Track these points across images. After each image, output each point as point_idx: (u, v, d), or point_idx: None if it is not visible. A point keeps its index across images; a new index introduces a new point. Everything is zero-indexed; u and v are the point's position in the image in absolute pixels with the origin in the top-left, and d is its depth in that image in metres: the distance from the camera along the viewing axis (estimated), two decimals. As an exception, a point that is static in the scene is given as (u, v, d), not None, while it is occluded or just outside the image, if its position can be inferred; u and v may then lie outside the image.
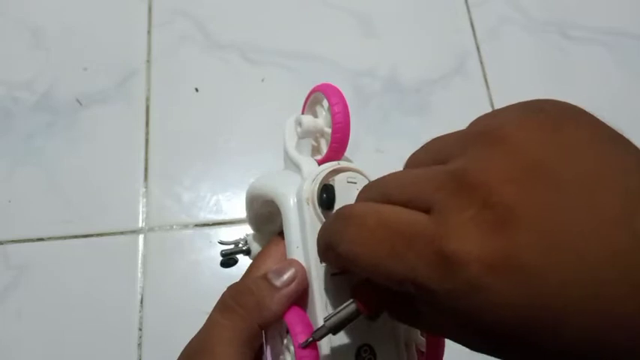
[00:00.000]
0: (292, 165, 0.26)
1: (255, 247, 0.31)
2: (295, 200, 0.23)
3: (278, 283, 0.22)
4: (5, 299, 0.49)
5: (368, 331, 0.22)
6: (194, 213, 0.53)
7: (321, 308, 0.22)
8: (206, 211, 0.53)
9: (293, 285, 0.22)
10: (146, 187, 0.54)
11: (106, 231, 0.51)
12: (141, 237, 0.51)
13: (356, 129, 0.59)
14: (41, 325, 0.48)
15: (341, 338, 0.22)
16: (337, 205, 0.22)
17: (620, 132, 0.17)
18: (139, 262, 0.50)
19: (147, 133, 0.56)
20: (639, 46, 0.64)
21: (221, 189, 0.54)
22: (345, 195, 0.22)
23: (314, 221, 0.22)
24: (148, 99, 0.57)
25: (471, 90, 0.60)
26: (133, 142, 0.55)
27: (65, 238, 0.51)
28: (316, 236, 0.21)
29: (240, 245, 0.31)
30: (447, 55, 0.62)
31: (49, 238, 0.51)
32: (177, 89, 0.58)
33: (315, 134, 0.26)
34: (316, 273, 0.22)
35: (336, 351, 0.21)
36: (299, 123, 0.26)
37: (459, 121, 0.68)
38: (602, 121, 0.17)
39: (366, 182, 0.23)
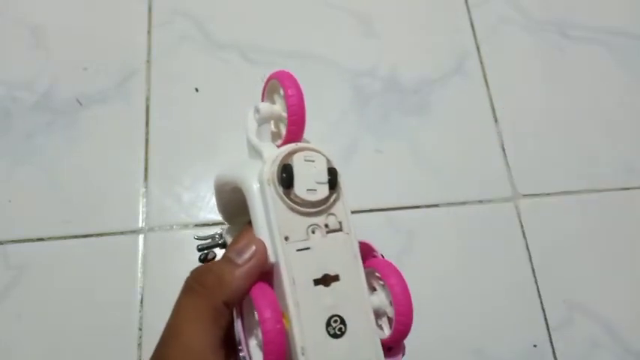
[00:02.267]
0: (255, 153, 0.27)
1: (230, 240, 0.31)
2: (258, 183, 0.24)
3: (238, 260, 0.23)
4: (5, 299, 0.49)
5: (337, 302, 0.23)
6: (194, 213, 0.53)
7: (288, 283, 0.22)
8: (206, 211, 0.53)
9: (253, 260, 0.23)
10: (146, 187, 0.54)
11: (106, 231, 0.51)
12: (141, 237, 0.51)
13: (356, 129, 0.60)
14: (41, 325, 0.48)
15: (309, 310, 0.22)
16: (297, 183, 0.23)
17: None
18: (139, 262, 0.50)
19: (147, 133, 0.56)
20: (639, 46, 0.64)
21: (221, 189, 0.54)
22: (304, 173, 0.23)
23: (276, 201, 0.23)
24: (147, 99, 0.57)
25: (470, 90, 0.60)
26: (133, 142, 0.55)
27: (65, 238, 0.51)
28: (280, 214, 0.23)
29: (216, 239, 0.32)
30: (447, 55, 0.62)
31: (49, 238, 0.51)
32: (177, 89, 0.58)
33: (272, 120, 0.27)
34: (282, 249, 0.23)
35: (305, 323, 0.22)
36: (257, 110, 0.27)
37: (458, 121, 0.68)
38: None
39: (323, 159, 0.24)
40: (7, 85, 0.57)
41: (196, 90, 0.58)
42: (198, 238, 0.32)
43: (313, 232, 0.24)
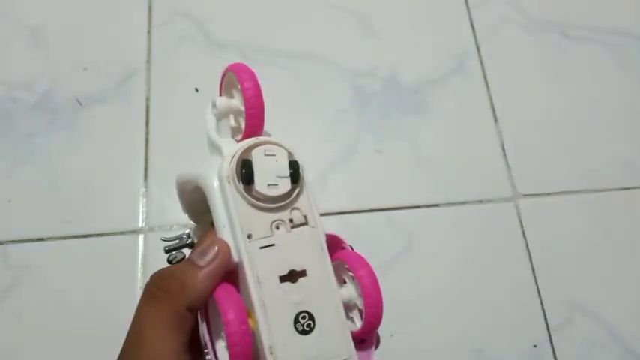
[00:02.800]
0: (215, 149, 0.26)
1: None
2: (217, 181, 0.23)
3: (201, 262, 0.22)
4: (5, 299, 0.49)
5: (304, 298, 0.23)
6: (194, 213, 0.53)
7: (253, 282, 0.22)
8: (206, 211, 0.53)
9: (216, 262, 0.22)
10: (146, 187, 0.54)
11: (106, 231, 0.51)
12: (141, 237, 0.51)
13: (356, 129, 0.60)
14: (41, 325, 0.48)
15: (276, 308, 0.22)
16: (257, 178, 0.23)
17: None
18: (139, 262, 0.50)
19: (147, 133, 0.56)
20: (639, 46, 0.64)
21: (221, 189, 0.54)
22: (264, 168, 0.23)
23: (236, 198, 0.23)
24: (147, 99, 0.57)
25: (470, 90, 0.60)
26: (132, 142, 0.55)
27: (65, 238, 0.51)
28: (241, 211, 0.22)
29: (184, 239, 0.32)
30: (447, 55, 0.62)
31: (49, 238, 0.51)
32: (177, 89, 0.58)
33: (231, 114, 0.26)
34: (244, 248, 0.22)
35: (272, 321, 0.22)
36: (214, 105, 0.26)
37: (458, 121, 0.68)
38: None
39: (284, 153, 0.23)
40: (7, 85, 0.57)
41: (196, 90, 0.58)
42: (166, 240, 0.31)
43: (277, 228, 0.23)
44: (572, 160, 0.58)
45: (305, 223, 0.24)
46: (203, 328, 0.22)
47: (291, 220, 0.23)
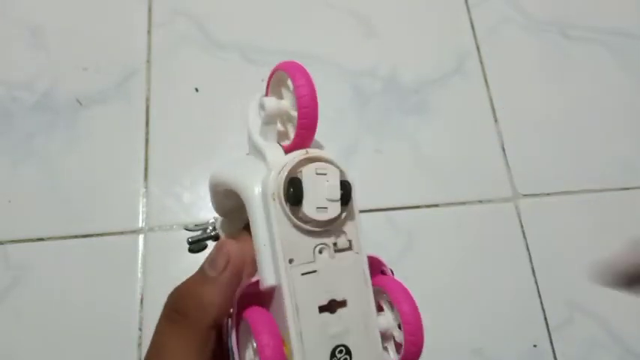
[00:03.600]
0: (256, 151, 0.24)
1: (223, 234, 0.29)
2: (261, 195, 0.21)
3: (213, 273, 0.21)
4: (5, 299, 0.49)
5: (343, 330, 0.21)
6: (194, 213, 0.53)
7: (291, 310, 0.20)
8: (206, 211, 0.53)
9: (229, 269, 0.21)
10: (146, 187, 0.54)
11: (106, 231, 0.51)
12: (141, 237, 0.51)
13: (356, 129, 0.60)
14: (41, 325, 0.48)
15: (313, 340, 0.21)
16: (306, 200, 0.21)
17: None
18: (139, 262, 0.50)
19: (147, 133, 0.56)
20: (639, 46, 0.64)
21: (221, 189, 0.54)
22: (314, 188, 0.21)
23: (281, 218, 0.21)
24: (147, 99, 0.57)
25: (470, 90, 0.60)
26: (132, 142, 0.55)
27: (65, 238, 0.51)
28: (284, 233, 0.21)
29: (209, 231, 0.30)
30: (447, 55, 0.62)
31: (49, 238, 0.51)
32: (177, 89, 0.58)
33: (279, 118, 0.23)
34: (285, 273, 0.21)
35: (308, 354, 0.20)
36: (262, 106, 0.23)
37: (458, 121, 0.68)
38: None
39: (336, 173, 0.21)
40: (7, 85, 0.57)
41: (196, 90, 0.58)
42: (188, 229, 0.30)
43: (320, 252, 0.21)
44: (572, 160, 0.58)
45: (349, 248, 0.22)
46: (233, 339, 0.21)
47: (335, 244, 0.22)
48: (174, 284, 0.23)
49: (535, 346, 0.50)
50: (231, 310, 0.22)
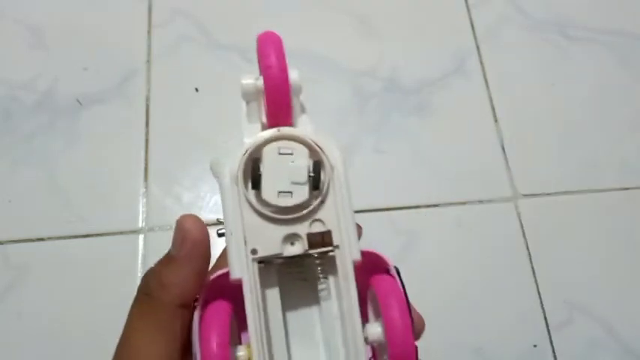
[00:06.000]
0: None
1: None
2: (229, 179, 0.19)
3: (174, 252, 0.21)
4: (5, 299, 0.49)
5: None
6: (194, 213, 0.52)
7: (251, 308, 0.18)
8: (206, 211, 0.53)
9: (187, 246, 0.20)
10: (146, 187, 0.54)
11: (106, 231, 0.51)
12: (141, 237, 0.51)
13: (356, 129, 0.60)
14: (41, 325, 0.48)
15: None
16: (265, 183, 0.18)
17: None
18: (139, 262, 0.50)
19: (147, 133, 0.56)
20: (639, 46, 0.64)
21: (221, 189, 0.54)
22: (275, 169, 0.18)
23: (243, 203, 0.18)
24: (147, 99, 0.57)
25: (471, 90, 0.60)
26: (133, 142, 0.55)
27: (65, 238, 0.51)
28: (246, 220, 0.18)
29: None
30: (447, 55, 0.62)
31: (49, 238, 0.51)
32: (178, 89, 0.58)
33: (259, 96, 0.21)
34: (246, 263, 0.18)
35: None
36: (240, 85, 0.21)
37: (458, 121, 0.68)
38: None
39: (304, 152, 0.19)
40: (7, 85, 0.57)
41: (196, 90, 0.58)
42: (219, 222, 0.29)
43: (292, 245, 0.19)
44: (572, 160, 0.58)
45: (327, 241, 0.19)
46: (195, 324, 0.19)
47: (308, 235, 0.19)
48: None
49: (535, 346, 0.50)
50: (198, 295, 0.21)
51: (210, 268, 0.22)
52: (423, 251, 0.53)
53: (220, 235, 0.28)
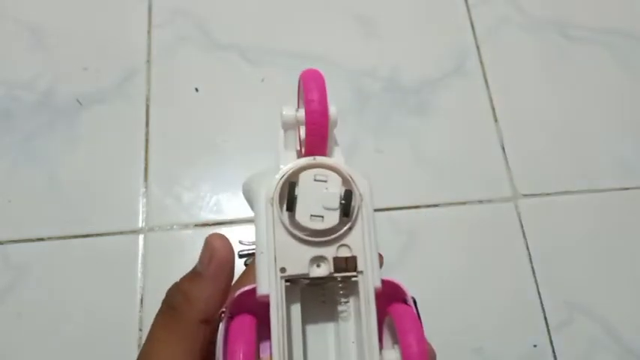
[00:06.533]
0: None
1: None
2: (264, 200, 0.20)
3: (199, 268, 0.22)
4: (5, 299, 0.49)
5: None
6: (194, 213, 0.53)
7: (276, 324, 0.19)
8: (206, 211, 0.53)
9: (214, 263, 0.21)
10: (146, 187, 0.54)
11: (106, 231, 0.51)
12: (141, 237, 0.51)
13: (356, 129, 0.60)
14: (41, 325, 0.48)
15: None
16: (300, 206, 0.19)
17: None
18: (139, 262, 0.50)
19: (147, 133, 0.56)
20: (639, 46, 0.64)
21: (221, 189, 0.54)
22: (310, 194, 0.20)
23: (277, 223, 0.20)
24: (147, 99, 0.57)
25: (471, 90, 0.60)
26: (133, 142, 0.55)
27: (65, 238, 0.51)
28: (279, 240, 0.20)
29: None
30: (447, 55, 0.62)
31: (49, 238, 0.51)
32: (178, 89, 0.58)
33: (297, 126, 0.23)
34: (275, 282, 0.19)
35: None
36: (280, 115, 0.23)
37: (458, 121, 0.68)
38: None
39: (337, 180, 0.20)
40: (8, 85, 0.57)
41: (196, 90, 0.58)
42: (242, 243, 0.29)
43: (318, 267, 0.20)
44: (572, 160, 0.58)
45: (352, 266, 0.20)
46: (219, 341, 0.20)
47: (335, 259, 0.20)
48: (174, 284, 0.24)
49: (535, 346, 0.50)
50: (223, 309, 0.21)
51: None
52: (423, 251, 0.53)
53: (241, 256, 0.28)
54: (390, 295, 0.21)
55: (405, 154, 0.57)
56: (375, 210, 0.22)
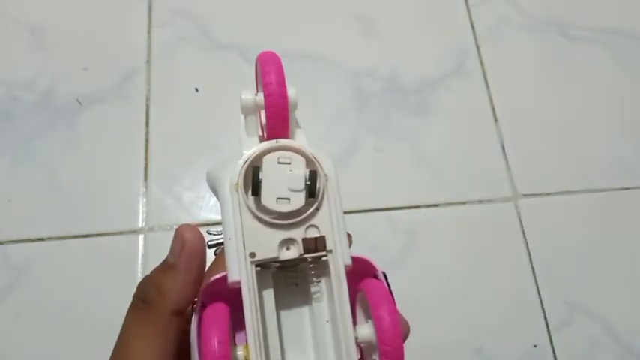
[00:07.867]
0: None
1: None
2: (228, 187, 0.20)
3: (172, 259, 0.21)
4: (5, 299, 0.49)
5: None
6: (194, 213, 0.53)
7: (249, 308, 0.19)
8: (206, 211, 0.53)
9: (185, 254, 0.21)
10: (146, 187, 0.54)
11: (105, 231, 0.51)
12: (141, 237, 0.51)
13: (356, 129, 0.60)
14: (41, 325, 0.48)
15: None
16: (265, 190, 0.19)
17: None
18: (139, 262, 0.50)
19: (147, 133, 0.56)
20: (639, 46, 0.64)
21: (221, 189, 0.54)
22: (274, 178, 0.20)
23: (243, 209, 0.20)
24: (147, 99, 0.57)
25: (471, 90, 0.60)
26: (133, 142, 0.55)
27: (65, 238, 0.51)
28: (246, 225, 0.19)
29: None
30: (447, 55, 0.62)
31: (49, 238, 0.51)
32: (178, 89, 0.58)
33: (257, 111, 0.22)
34: (245, 266, 0.19)
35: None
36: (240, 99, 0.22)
37: (458, 121, 0.68)
38: None
39: (301, 162, 0.20)
40: (7, 85, 0.57)
41: (196, 90, 0.58)
42: (210, 233, 0.29)
43: (288, 249, 0.20)
44: (572, 160, 0.58)
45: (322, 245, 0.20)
46: (193, 330, 0.20)
47: (304, 240, 0.20)
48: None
49: (535, 346, 0.50)
50: (195, 300, 0.21)
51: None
52: (423, 251, 0.53)
53: (211, 246, 0.28)
54: (362, 272, 0.21)
55: (405, 154, 0.57)
56: (375, 210, 0.22)
